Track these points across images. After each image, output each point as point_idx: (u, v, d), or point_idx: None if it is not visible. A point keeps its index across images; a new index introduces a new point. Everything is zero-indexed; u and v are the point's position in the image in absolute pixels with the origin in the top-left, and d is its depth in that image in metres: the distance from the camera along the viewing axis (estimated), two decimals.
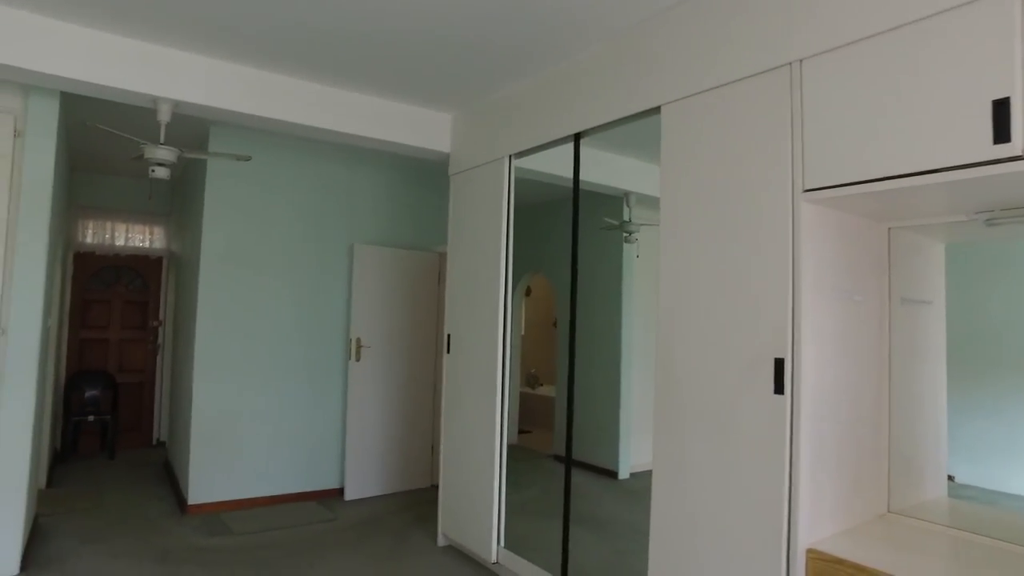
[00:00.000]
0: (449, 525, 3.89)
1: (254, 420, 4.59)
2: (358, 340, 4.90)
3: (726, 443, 2.27)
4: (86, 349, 6.08)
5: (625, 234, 4.27)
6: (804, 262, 2.10)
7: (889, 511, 2.35)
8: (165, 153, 3.17)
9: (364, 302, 4.95)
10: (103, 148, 5.16)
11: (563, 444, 3.47)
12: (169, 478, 5.13)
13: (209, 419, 4.44)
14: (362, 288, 4.95)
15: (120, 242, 6.15)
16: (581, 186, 3.33)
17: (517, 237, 3.77)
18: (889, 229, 2.41)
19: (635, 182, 4.08)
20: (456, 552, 3.84)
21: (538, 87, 3.44)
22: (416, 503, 4.77)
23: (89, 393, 5.79)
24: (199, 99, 3.27)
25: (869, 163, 1.93)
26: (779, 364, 2.12)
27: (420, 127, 4.05)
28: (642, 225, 4.24)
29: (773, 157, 2.19)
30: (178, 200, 6.03)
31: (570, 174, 3.32)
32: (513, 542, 3.55)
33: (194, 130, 4.46)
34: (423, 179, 5.37)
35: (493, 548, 3.52)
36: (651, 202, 4.79)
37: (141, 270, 6.34)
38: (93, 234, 6.04)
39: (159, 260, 6.38)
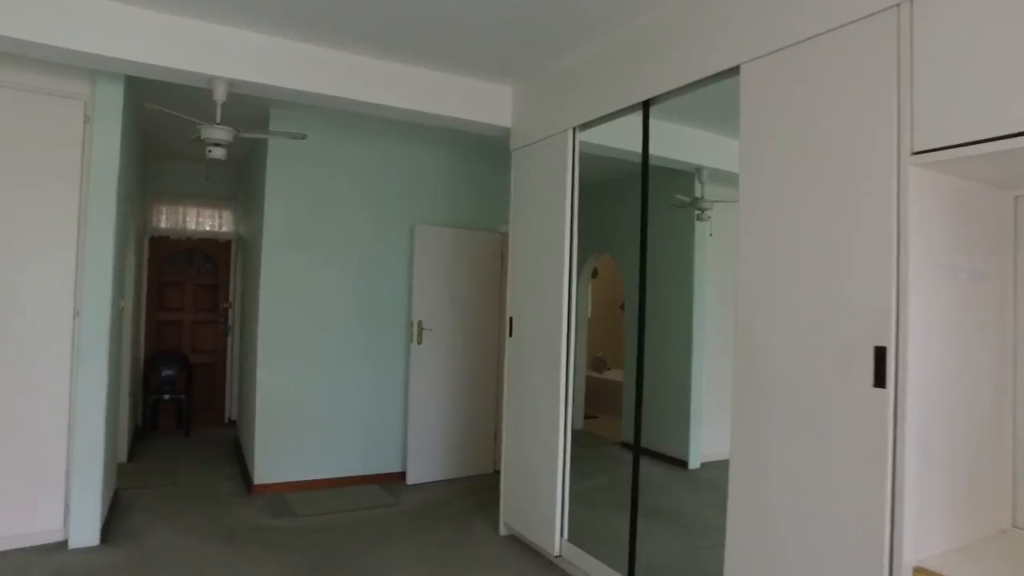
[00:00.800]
0: (511, 514, 3.76)
1: (317, 402, 4.60)
2: (419, 323, 4.83)
3: (816, 440, 2.02)
4: (162, 330, 6.29)
5: (697, 212, 4.01)
6: (912, 236, 1.82)
7: (1014, 526, 2.05)
8: (221, 133, 3.13)
9: (425, 284, 4.87)
10: (174, 136, 5.24)
11: (631, 431, 3.27)
12: (238, 457, 5.23)
13: (273, 400, 4.47)
14: (423, 270, 4.86)
15: (191, 226, 6.29)
16: (650, 161, 3.09)
17: (582, 217, 3.57)
18: (1016, 198, 2.08)
19: (708, 156, 3.82)
20: (518, 543, 3.71)
21: (604, 53, 3.21)
22: (478, 489, 4.67)
23: (165, 373, 5.98)
24: (253, 77, 3.21)
25: (994, 118, 1.63)
26: (880, 353, 1.85)
27: (480, 101, 3.89)
28: (716, 202, 3.96)
29: (875, 116, 1.91)
30: (243, 184, 6.11)
31: (638, 148, 3.09)
32: (577, 534, 3.39)
33: (255, 113, 4.44)
34: (486, 157, 5.22)
35: (556, 540, 3.37)
36: (726, 178, 4.49)
37: (211, 253, 6.49)
38: (167, 219, 6.20)
39: (228, 243, 6.50)
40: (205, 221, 6.38)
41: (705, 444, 4.17)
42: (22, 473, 3.35)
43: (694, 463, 4.28)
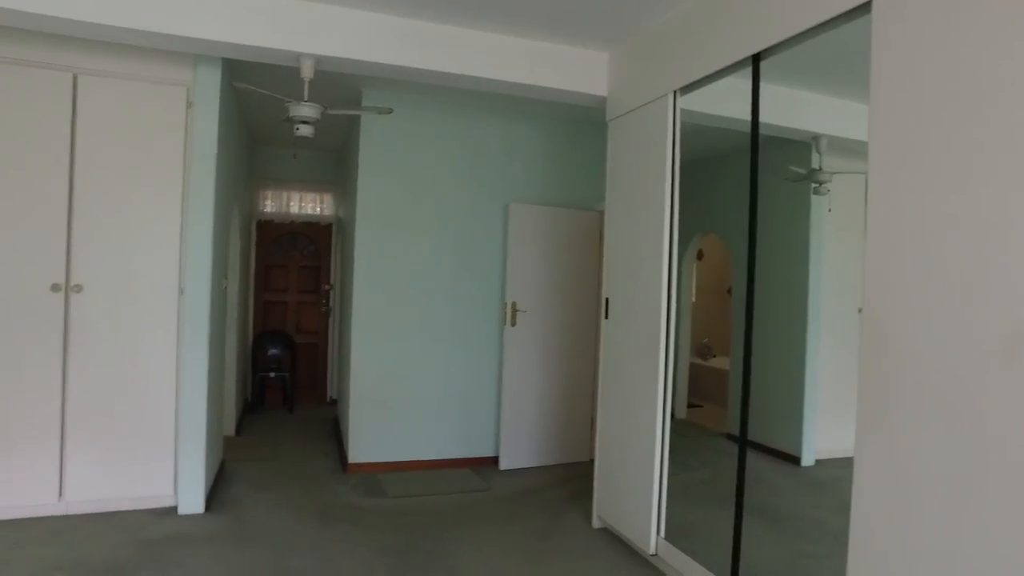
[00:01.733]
0: (605, 507, 3.57)
1: (410, 383, 4.59)
2: (513, 304, 4.70)
3: (967, 448, 1.69)
4: (269, 311, 6.55)
5: (814, 185, 3.62)
6: None
7: None
8: (308, 110, 3.11)
9: (519, 264, 4.72)
10: (277, 123, 5.36)
11: (737, 422, 2.98)
12: (336, 435, 5.35)
13: (367, 381, 4.50)
14: (517, 250, 4.72)
15: (295, 210, 6.49)
16: (761, 130, 2.77)
17: (685, 195, 3.28)
18: None
19: (827, 122, 3.43)
20: (611, 537, 3.51)
21: (708, 3, 2.90)
22: (573, 477, 4.51)
23: (271, 351, 6.22)
24: (340, 52, 3.16)
25: None
26: None
27: (575, 69, 3.67)
28: (836, 174, 3.56)
29: None
30: (342, 167, 6.21)
31: (746, 115, 2.77)
32: (675, 531, 3.15)
33: (347, 94, 4.44)
34: (583, 133, 4.98)
35: (652, 538, 3.14)
36: (848, 147, 4.03)
37: (313, 236, 6.67)
38: (272, 203, 6.42)
39: (328, 226, 6.66)
40: (307, 205, 6.57)
41: (821, 439, 3.82)
42: (140, 441, 3.54)
43: (807, 459, 3.93)
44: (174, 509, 3.55)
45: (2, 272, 3.34)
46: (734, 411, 2.95)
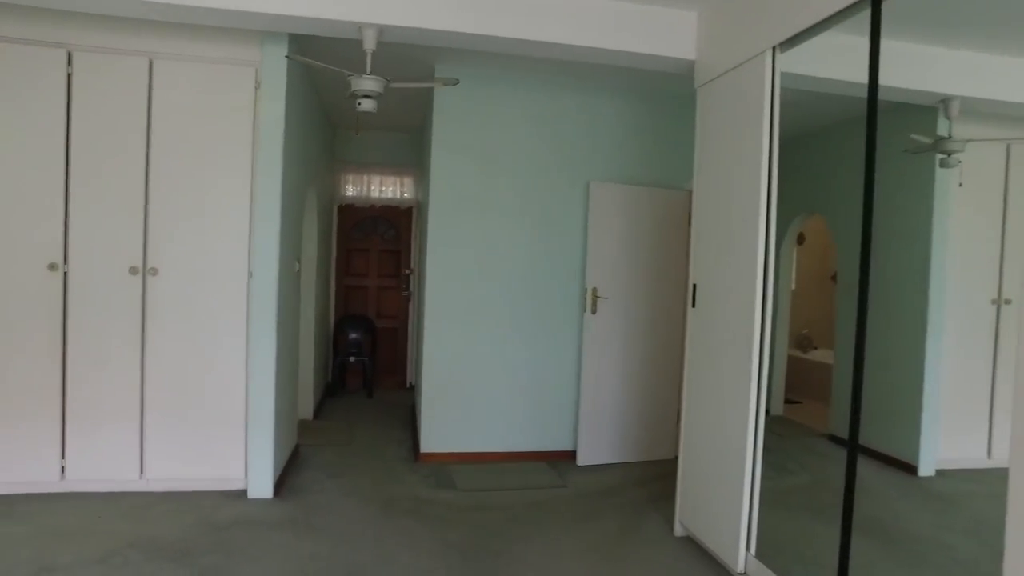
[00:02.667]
0: (688, 513, 3.25)
1: (484, 371, 4.41)
2: (594, 290, 4.41)
3: None
4: (350, 295, 6.57)
5: (941, 156, 3.14)
6: None
7: None
8: (371, 83, 2.95)
9: (601, 247, 4.42)
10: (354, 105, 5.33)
11: (844, 423, 2.60)
12: (412, 423, 5.27)
13: (440, 368, 4.36)
14: (599, 231, 4.41)
15: (375, 194, 6.46)
16: (879, 93, 2.35)
17: (785, 173, 2.89)
18: None
19: (959, 82, 2.95)
20: (694, 548, 3.19)
21: None
22: (655, 477, 4.19)
23: (352, 336, 6.23)
24: (403, 21, 2.98)
25: None
26: None
27: (660, 31, 3.32)
28: (969, 142, 3.06)
29: None
30: (420, 149, 6.10)
31: (856, 77, 2.35)
32: (769, 546, 2.80)
33: (419, 68, 4.27)
34: (671, 105, 4.59)
35: (740, 555, 2.80)
36: (983, 109, 3.51)
37: (394, 220, 6.63)
38: (352, 187, 6.41)
39: (408, 210, 6.59)
40: (388, 188, 6.52)
41: (945, 446, 3.36)
42: (213, 424, 3.55)
43: (925, 469, 3.48)
44: (244, 493, 3.54)
45: (88, 255, 3.42)
46: (838, 410, 2.56)
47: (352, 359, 6.15)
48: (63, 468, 3.48)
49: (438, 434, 4.36)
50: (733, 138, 2.99)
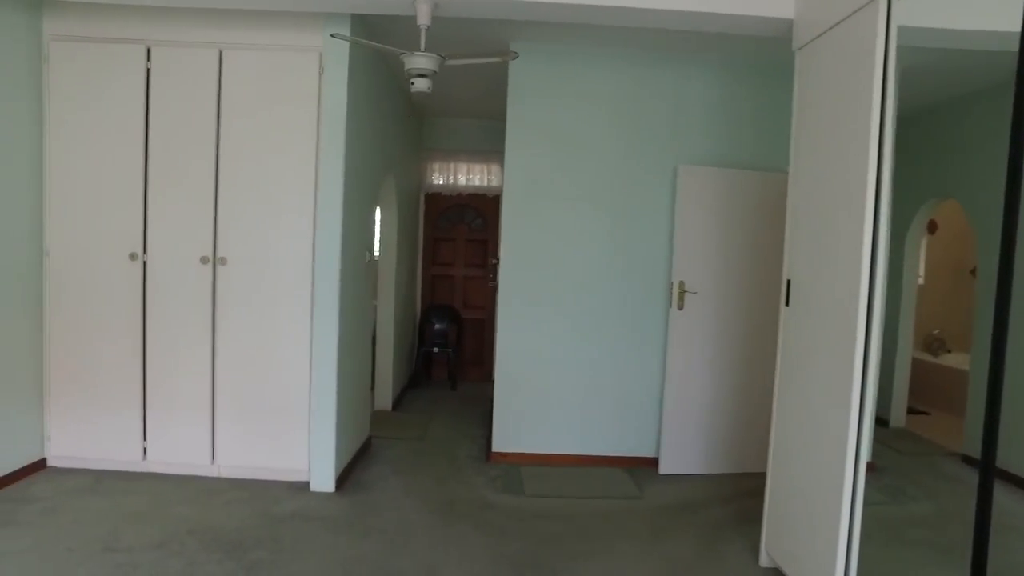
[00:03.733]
0: (776, 541, 2.84)
1: (560, 368, 4.15)
2: (681, 284, 4.02)
3: None
4: (437, 285, 6.51)
5: None
6: None
7: None
8: (424, 61, 2.76)
9: (689, 237, 4.02)
10: (442, 92, 5.20)
11: (979, 441, 2.12)
12: (489, 418, 5.10)
13: (514, 363, 4.15)
14: (688, 219, 4.01)
15: (462, 182, 6.34)
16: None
17: (911, 152, 2.43)
18: None
19: None
20: None
21: None
22: (744, 493, 3.76)
23: (438, 326, 6.18)
24: None
25: None
26: None
27: None
28: None
29: None
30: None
31: (1005, 26, 1.86)
32: None
33: (495, 48, 4.06)
34: (768, 78, 4.08)
35: None
36: None
37: (481, 209, 6.48)
38: (439, 175, 6.33)
39: (496, 198, 6.41)
40: (475, 176, 6.38)
41: None
42: (279, 414, 3.55)
43: None
44: (308, 485, 3.51)
45: (164, 245, 3.50)
46: (973, 424, 2.06)
47: (436, 350, 6.09)
48: (144, 450, 3.61)
49: (510, 433, 4.16)
50: (837, 108, 2.53)
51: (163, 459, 3.61)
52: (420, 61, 2.76)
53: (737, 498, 3.69)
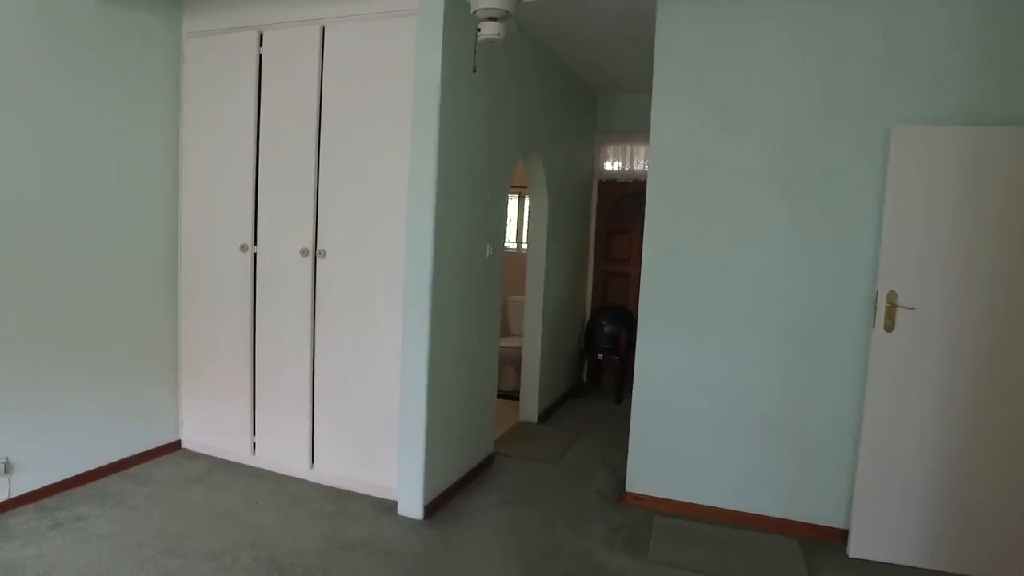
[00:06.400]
0: None
1: (716, 398, 3.23)
2: (891, 296, 2.85)
3: None
4: (609, 283, 5.79)
5: None
6: None
7: None
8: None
9: (907, 228, 2.82)
10: (619, 64, 4.53)
11: None
12: None
13: (656, 388, 3.34)
14: (906, 203, 2.82)
15: (639, 167, 5.52)
16: None
17: None
18: None
19: None
20: None
21: None
22: None
23: (608, 329, 5.48)
24: None
25: None
26: None
27: None
28: None
29: None
30: None
31: None
32: None
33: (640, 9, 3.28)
34: None
35: None
36: None
37: None
38: (613, 159, 5.59)
39: None
40: None
41: None
42: (373, 424, 3.27)
43: None
44: (395, 506, 3.14)
45: (269, 237, 3.39)
46: None
47: (599, 356, 5.39)
48: (254, 445, 3.56)
49: (648, 472, 3.36)
50: None
51: (269, 457, 3.52)
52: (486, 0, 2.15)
53: None
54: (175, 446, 3.76)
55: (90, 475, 3.27)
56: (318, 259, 3.29)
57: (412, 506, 3.07)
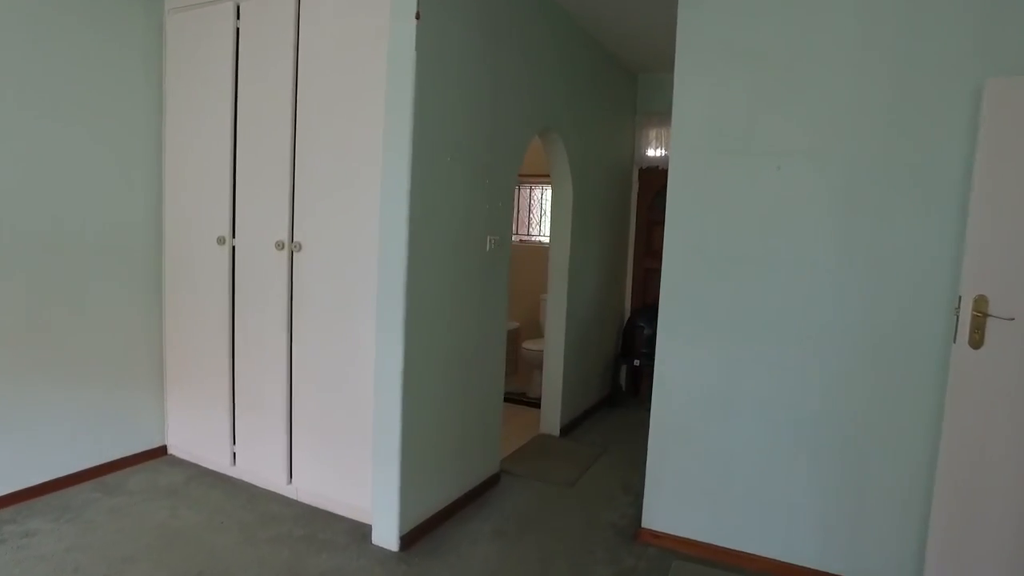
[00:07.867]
0: None
1: (751, 421, 2.67)
2: (979, 302, 2.22)
3: None
4: (650, 281, 5.23)
5: None
6: None
7: None
8: None
9: (1005, 215, 2.19)
10: (658, 38, 4.00)
11: None
12: None
13: (677, 407, 2.82)
14: (1003, 180, 2.18)
15: None
16: None
17: None
18: None
19: None
20: None
21: None
22: None
23: (648, 332, 4.93)
24: None
25: None
26: None
27: None
28: None
29: None
30: None
31: None
32: None
33: None
34: None
35: None
36: None
37: None
38: (656, 145, 5.03)
39: None
40: None
41: None
42: (352, 440, 2.89)
43: None
44: (371, 533, 2.75)
45: (250, 230, 3.08)
46: None
47: (635, 362, 4.85)
48: (234, 455, 3.26)
49: (668, 506, 2.84)
50: None
51: (248, 469, 3.22)
52: None
53: None
54: (161, 452, 3.52)
55: (60, 482, 3.05)
56: (294, 253, 2.94)
57: (387, 535, 2.67)
